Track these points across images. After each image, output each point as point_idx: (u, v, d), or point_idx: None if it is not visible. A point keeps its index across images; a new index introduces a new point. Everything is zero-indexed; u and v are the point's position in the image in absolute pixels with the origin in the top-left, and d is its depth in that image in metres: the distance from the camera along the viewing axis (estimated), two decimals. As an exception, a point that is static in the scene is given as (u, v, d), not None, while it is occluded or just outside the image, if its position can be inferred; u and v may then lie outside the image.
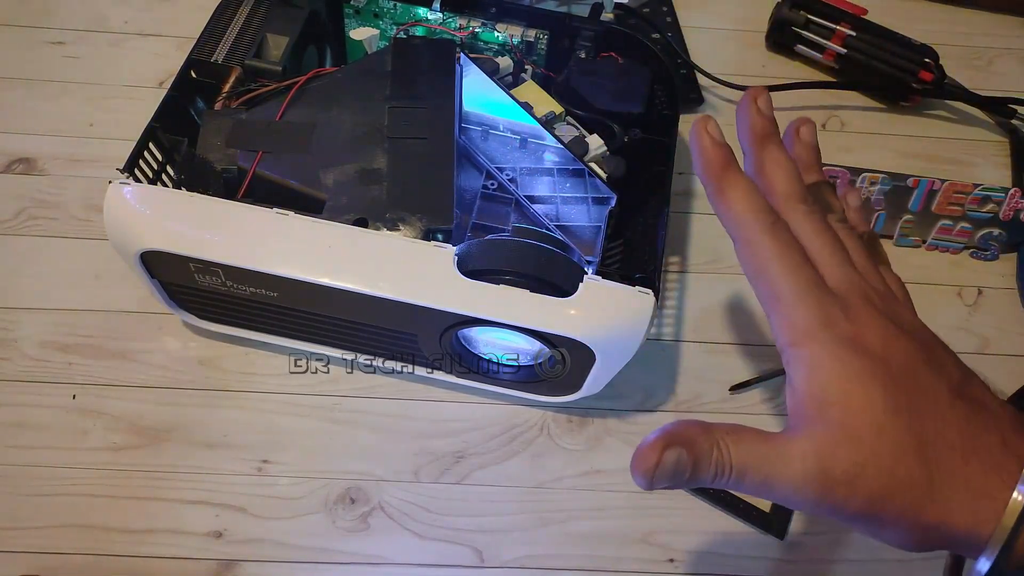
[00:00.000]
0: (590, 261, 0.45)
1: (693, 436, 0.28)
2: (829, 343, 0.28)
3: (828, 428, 0.27)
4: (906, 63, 0.62)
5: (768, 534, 0.45)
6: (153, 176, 0.44)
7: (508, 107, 0.48)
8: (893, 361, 0.28)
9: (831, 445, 0.27)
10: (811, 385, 0.28)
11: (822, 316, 0.28)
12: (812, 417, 0.28)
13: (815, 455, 0.27)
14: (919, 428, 0.27)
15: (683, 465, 0.28)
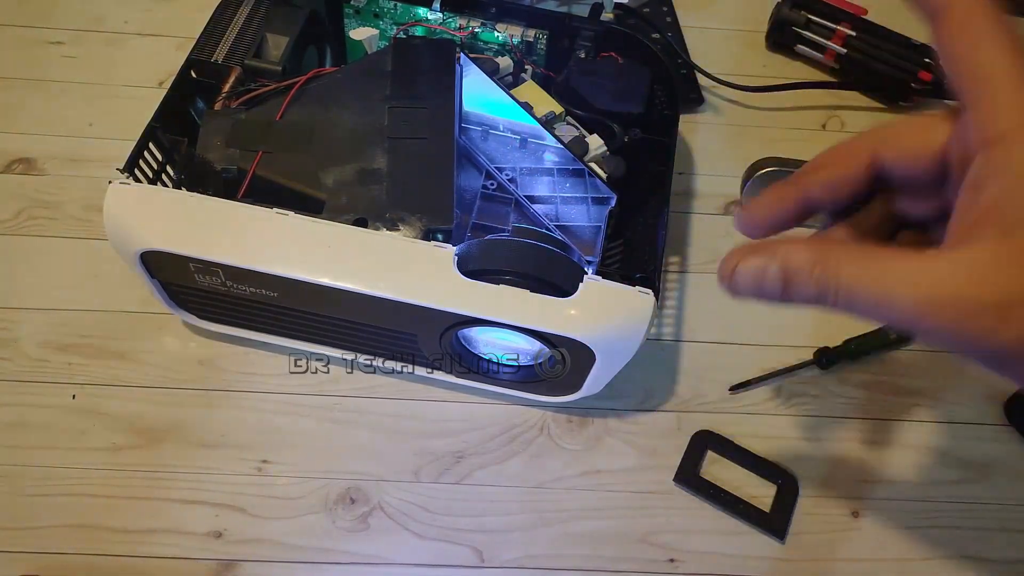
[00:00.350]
0: (590, 261, 0.45)
1: (793, 252, 0.25)
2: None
3: (1003, 246, 0.23)
4: (906, 63, 0.62)
5: (768, 534, 0.45)
6: (153, 176, 0.44)
7: (508, 107, 0.48)
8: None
9: (997, 264, 0.23)
10: (1005, 192, 0.23)
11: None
12: (986, 234, 0.23)
13: (968, 273, 0.23)
14: None
15: (771, 280, 0.25)
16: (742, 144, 0.61)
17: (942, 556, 0.45)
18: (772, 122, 0.63)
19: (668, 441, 0.47)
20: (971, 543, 0.45)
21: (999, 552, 0.45)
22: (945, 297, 0.23)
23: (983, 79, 0.24)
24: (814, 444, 0.48)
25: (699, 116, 0.63)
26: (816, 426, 0.49)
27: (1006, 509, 0.46)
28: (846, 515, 0.46)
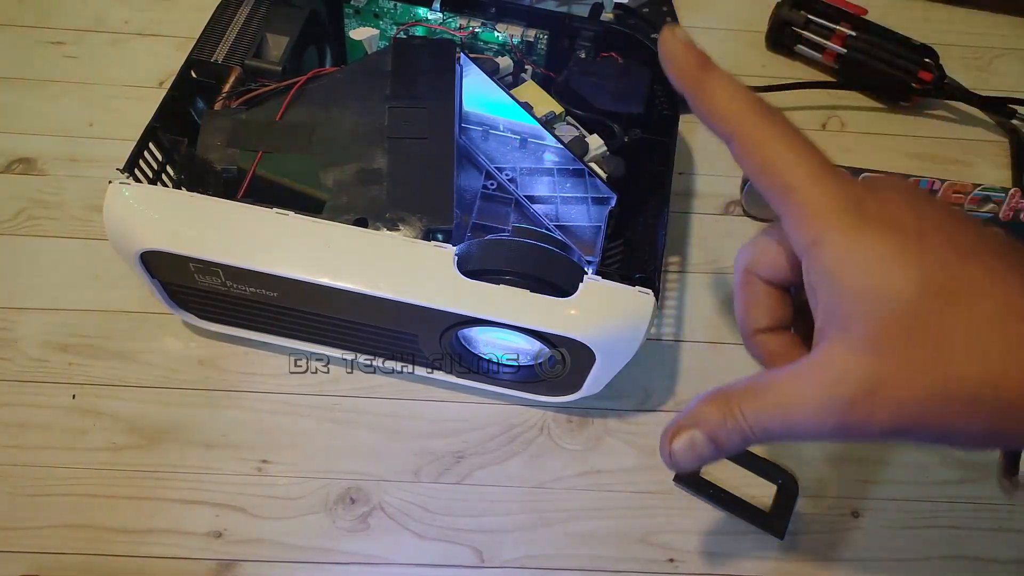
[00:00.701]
0: (590, 261, 0.45)
1: (705, 414, 0.27)
2: (859, 227, 0.24)
3: (846, 342, 0.24)
4: (906, 63, 0.62)
5: (768, 534, 0.45)
6: (153, 176, 0.44)
7: (508, 107, 0.48)
8: (928, 231, 0.24)
9: (847, 360, 0.24)
10: (830, 293, 0.25)
11: (845, 197, 0.24)
12: (831, 335, 0.25)
13: (830, 375, 0.24)
14: (966, 305, 0.23)
15: (701, 447, 0.27)
16: (742, 144, 0.61)
17: (942, 556, 0.45)
18: (772, 122, 0.63)
19: (668, 441, 0.47)
20: (971, 543, 0.45)
21: (999, 552, 0.45)
22: (822, 405, 0.24)
23: (787, 190, 0.25)
24: (814, 444, 0.48)
25: (699, 116, 0.63)
26: (816, 426, 0.49)
27: (1006, 509, 0.46)
28: (846, 515, 0.46)
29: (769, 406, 0.26)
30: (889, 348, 0.24)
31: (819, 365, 0.25)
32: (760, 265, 0.30)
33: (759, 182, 0.26)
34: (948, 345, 0.23)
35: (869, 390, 0.24)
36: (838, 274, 0.24)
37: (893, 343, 0.24)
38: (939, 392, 0.23)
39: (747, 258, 0.30)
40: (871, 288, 0.24)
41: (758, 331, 0.31)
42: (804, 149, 0.25)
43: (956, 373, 0.23)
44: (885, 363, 0.24)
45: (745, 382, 0.27)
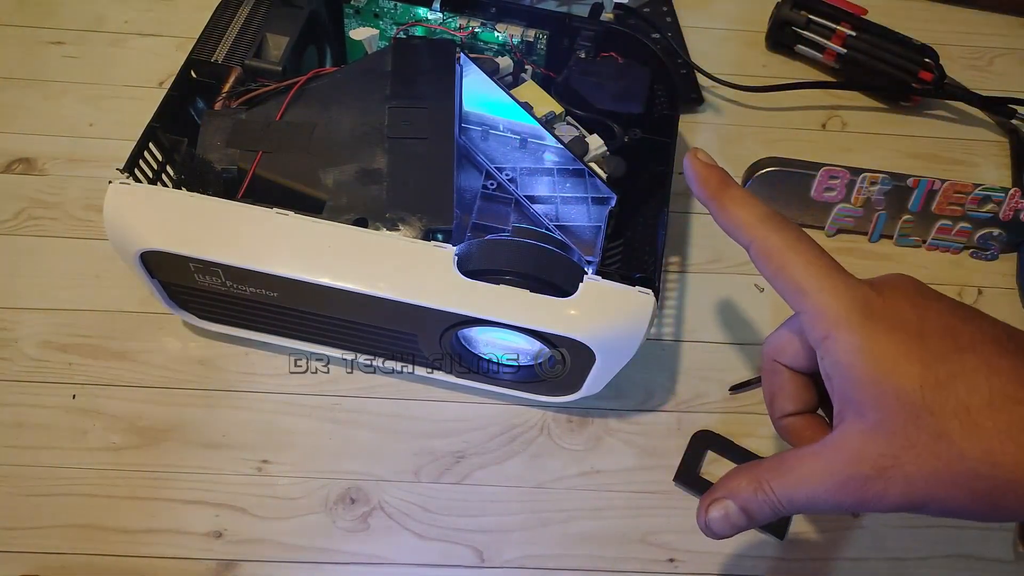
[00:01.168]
0: (590, 261, 0.45)
1: (736, 487, 0.29)
2: (866, 325, 0.27)
3: (861, 425, 0.27)
4: (906, 63, 0.62)
5: (768, 534, 0.45)
6: (153, 176, 0.44)
7: (508, 107, 0.48)
8: (929, 328, 0.27)
9: (863, 442, 0.27)
10: (845, 380, 0.28)
11: (852, 297, 0.28)
12: (848, 417, 0.28)
13: (848, 455, 0.27)
14: (964, 393, 0.26)
15: (734, 517, 0.29)
16: (742, 144, 0.61)
17: (942, 556, 0.45)
18: (772, 122, 0.63)
19: (668, 441, 0.47)
20: (971, 543, 0.45)
21: (999, 552, 0.45)
22: (840, 481, 0.27)
23: (800, 293, 0.29)
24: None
25: (699, 116, 0.63)
26: (816, 426, 0.49)
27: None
28: (846, 515, 0.46)
29: (794, 482, 0.28)
30: (899, 432, 0.26)
31: (837, 445, 0.28)
32: (784, 354, 0.33)
33: (775, 284, 0.30)
34: (949, 429, 0.26)
35: (882, 468, 0.27)
36: (848, 366, 0.27)
37: (902, 427, 0.26)
38: (943, 470, 0.26)
39: (772, 348, 0.34)
40: (879, 380, 0.27)
41: (784, 416, 0.34)
42: (813, 255, 0.29)
43: (957, 453, 0.26)
44: (896, 445, 0.26)
45: (774, 459, 0.30)
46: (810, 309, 0.29)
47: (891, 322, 0.27)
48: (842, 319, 0.28)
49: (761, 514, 0.29)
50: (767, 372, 0.34)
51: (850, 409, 0.28)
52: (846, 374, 0.28)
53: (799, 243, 0.29)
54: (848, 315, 0.28)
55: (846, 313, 0.28)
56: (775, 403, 0.34)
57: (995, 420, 0.26)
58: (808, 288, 0.28)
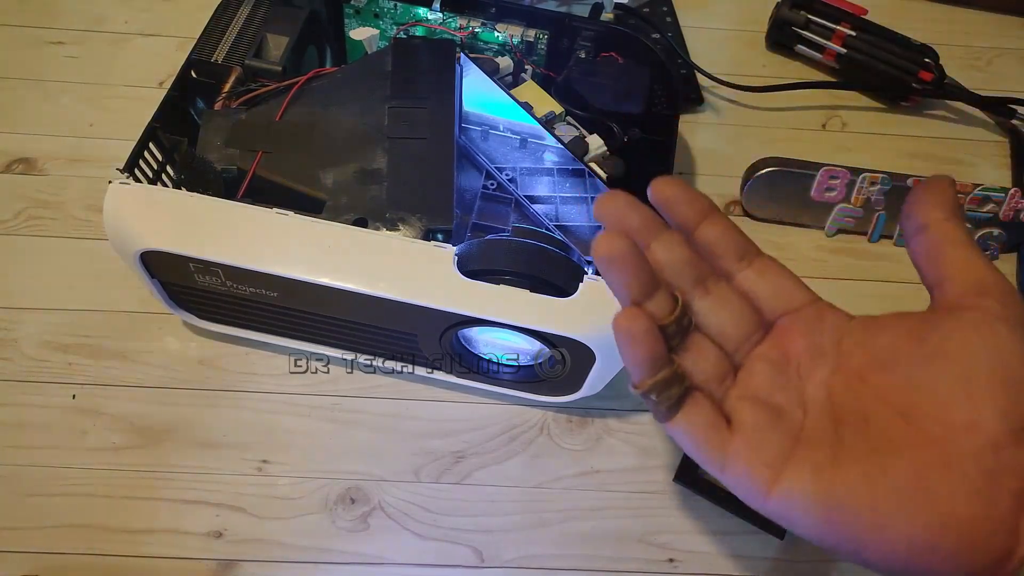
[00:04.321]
0: (590, 261, 0.45)
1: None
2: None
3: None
4: (906, 63, 0.62)
5: (768, 534, 0.45)
6: (153, 176, 0.44)
7: (508, 107, 0.48)
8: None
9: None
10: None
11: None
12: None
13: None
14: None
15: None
16: (742, 144, 0.61)
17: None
18: (772, 122, 0.63)
19: (668, 441, 0.47)
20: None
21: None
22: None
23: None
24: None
25: (699, 116, 0.63)
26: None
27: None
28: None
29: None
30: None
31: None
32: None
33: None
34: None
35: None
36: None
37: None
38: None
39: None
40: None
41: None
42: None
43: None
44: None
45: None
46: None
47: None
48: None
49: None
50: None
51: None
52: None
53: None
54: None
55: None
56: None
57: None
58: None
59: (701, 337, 0.31)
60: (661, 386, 0.29)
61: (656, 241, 0.30)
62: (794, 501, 0.27)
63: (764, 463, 0.28)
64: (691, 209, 0.31)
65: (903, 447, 0.26)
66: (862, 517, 0.26)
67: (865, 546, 0.26)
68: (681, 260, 0.30)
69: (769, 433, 0.28)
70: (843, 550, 0.27)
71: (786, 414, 0.29)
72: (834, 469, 0.27)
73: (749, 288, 0.31)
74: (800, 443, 0.28)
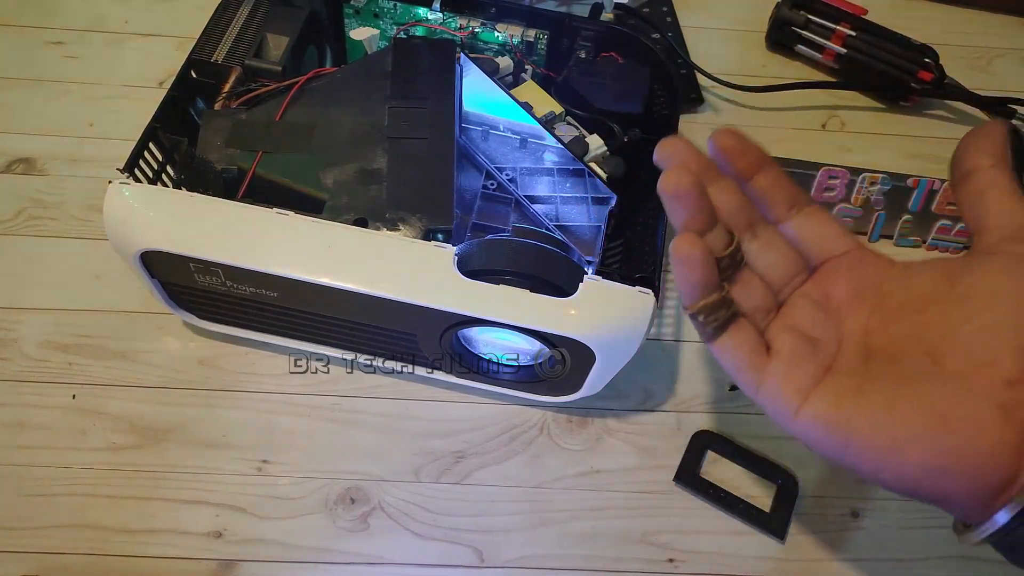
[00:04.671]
0: (590, 261, 0.45)
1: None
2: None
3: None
4: (906, 63, 0.62)
5: (768, 534, 0.45)
6: (153, 176, 0.44)
7: (508, 107, 0.48)
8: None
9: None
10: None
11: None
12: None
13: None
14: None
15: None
16: (742, 144, 0.61)
17: (942, 556, 0.45)
18: (772, 122, 0.63)
19: (668, 441, 0.47)
20: (971, 543, 0.45)
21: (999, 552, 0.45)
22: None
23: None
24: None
25: (699, 116, 0.63)
26: (816, 426, 0.49)
27: (1006, 509, 0.46)
28: (846, 515, 0.46)
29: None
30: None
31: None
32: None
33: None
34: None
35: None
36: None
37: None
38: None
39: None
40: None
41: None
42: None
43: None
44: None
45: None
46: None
47: None
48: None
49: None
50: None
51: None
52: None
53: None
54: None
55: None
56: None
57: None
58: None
59: (750, 273, 0.33)
60: (710, 308, 0.31)
61: (712, 186, 0.32)
62: (818, 424, 0.29)
63: (795, 387, 0.30)
64: (747, 160, 0.33)
65: (924, 380, 0.28)
66: (879, 441, 0.28)
67: (881, 467, 0.28)
68: (735, 205, 0.33)
69: (803, 360, 0.31)
70: (860, 470, 0.29)
71: (821, 346, 0.31)
72: (857, 396, 0.29)
73: (797, 233, 0.33)
74: (830, 372, 0.30)
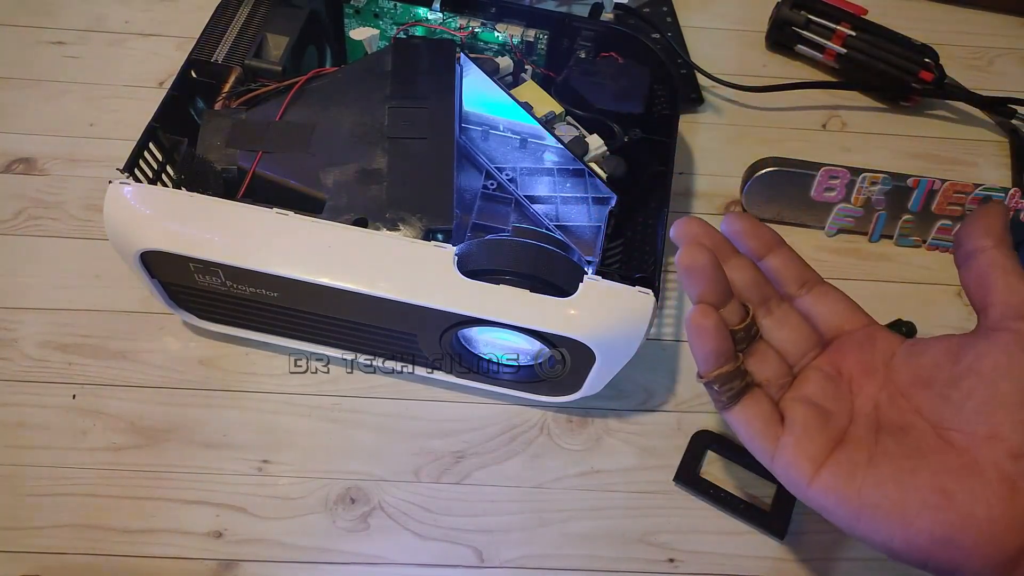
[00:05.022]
0: (590, 261, 0.45)
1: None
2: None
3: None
4: (906, 63, 0.62)
5: (768, 534, 0.45)
6: (153, 176, 0.44)
7: (508, 107, 0.48)
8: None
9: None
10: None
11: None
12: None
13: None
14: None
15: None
16: (742, 144, 0.61)
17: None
18: (772, 122, 0.63)
19: (668, 441, 0.47)
20: (971, 543, 0.45)
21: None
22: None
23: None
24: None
25: (699, 116, 0.63)
26: (816, 426, 0.49)
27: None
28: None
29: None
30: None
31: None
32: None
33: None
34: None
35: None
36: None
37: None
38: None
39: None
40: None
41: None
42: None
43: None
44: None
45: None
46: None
47: None
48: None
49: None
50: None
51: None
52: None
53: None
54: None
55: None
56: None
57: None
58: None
59: (765, 345, 0.35)
60: (725, 378, 0.33)
61: (727, 263, 0.34)
62: (830, 494, 0.31)
63: (808, 457, 0.31)
64: (758, 241, 0.36)
65: (931, 453, 0.30)
66: (890, 512, 0.29)
67: (892, 537, 0.29)
68: (749, 281, 0.35)
69: (816, 431, 0.32)
70: (872, 540, 0.30)
71: (833, 418, 0.33)
72: (868, 469, 0.30)
73: (810, 309, 0.35)
74: (842, 444, 0.32)
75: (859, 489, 0.30)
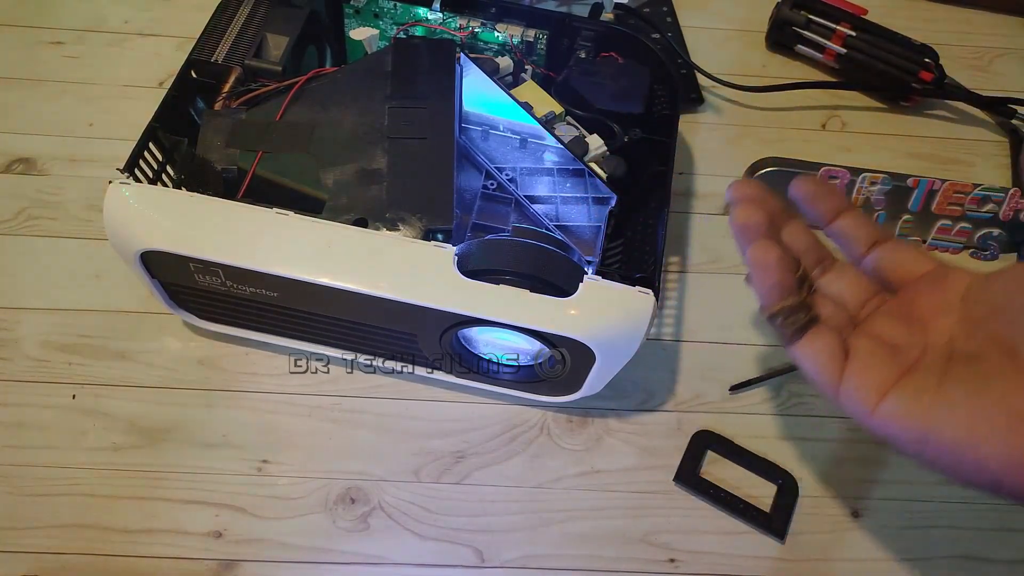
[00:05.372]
0: (590, 261, 0.45)
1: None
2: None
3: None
4: (906, 63, 0.62)
5: (768, 534, 0.45)
6: (153, 176, 0.44)
7: (508, 107, 0.48)
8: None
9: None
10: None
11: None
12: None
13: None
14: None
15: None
16: (742, 144, 0.61)
17: (942, 556, 0.45)
18: (772, 122, 0.63)
19: (668, 441, 0.47)
20: (971, 543, 0.45)
21: (999, 552, 0.45)
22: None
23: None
24: (814, 444, 0.48)
25: (699, 116, 0.63)
26: (816, 426, 0.49)
27: (1006, 509, 0.46)
28: (846, 515, 0.46)
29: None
30: None
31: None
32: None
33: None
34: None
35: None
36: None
37: None
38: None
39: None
40: None
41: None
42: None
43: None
44: None
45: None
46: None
47: None
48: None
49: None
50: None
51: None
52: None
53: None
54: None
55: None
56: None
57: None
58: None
59: (822, 296, 0.35)
60: (788, 311, 0.32)
61: (783, 229, 0.35)
62: (895, 419, 0.30)
63: (873, 385, 0.31)
64: (828, 204, 0.36)
65: (1003, 378, 0.29)
66: (958, 435, 0.28)
67: (961, 461, 0.29)
68: (804, 246, 0.35)
69: (882, 362, 0.31)
70: (940, 465, 0.29)
71: (902, 352, 0.32)
72: (937, 391, 0.29)
73: (878, 263, 0.35)
74: (910, 372, 0.31)
75: (927, 412, 0.29)
